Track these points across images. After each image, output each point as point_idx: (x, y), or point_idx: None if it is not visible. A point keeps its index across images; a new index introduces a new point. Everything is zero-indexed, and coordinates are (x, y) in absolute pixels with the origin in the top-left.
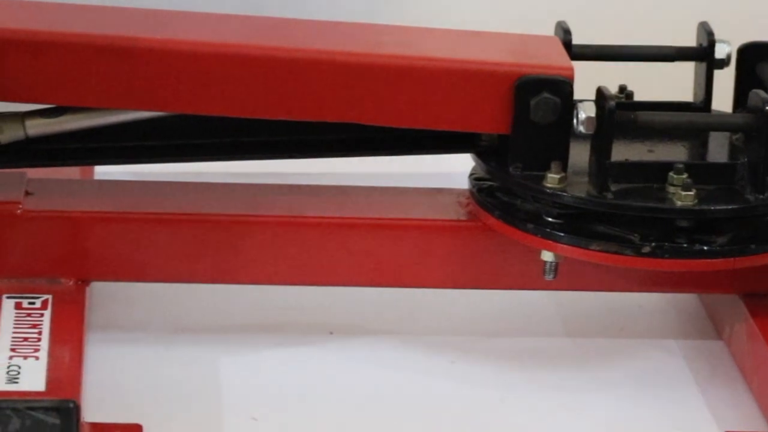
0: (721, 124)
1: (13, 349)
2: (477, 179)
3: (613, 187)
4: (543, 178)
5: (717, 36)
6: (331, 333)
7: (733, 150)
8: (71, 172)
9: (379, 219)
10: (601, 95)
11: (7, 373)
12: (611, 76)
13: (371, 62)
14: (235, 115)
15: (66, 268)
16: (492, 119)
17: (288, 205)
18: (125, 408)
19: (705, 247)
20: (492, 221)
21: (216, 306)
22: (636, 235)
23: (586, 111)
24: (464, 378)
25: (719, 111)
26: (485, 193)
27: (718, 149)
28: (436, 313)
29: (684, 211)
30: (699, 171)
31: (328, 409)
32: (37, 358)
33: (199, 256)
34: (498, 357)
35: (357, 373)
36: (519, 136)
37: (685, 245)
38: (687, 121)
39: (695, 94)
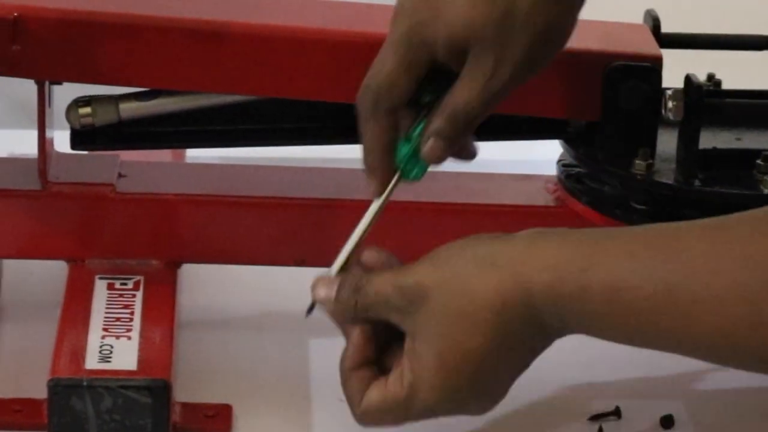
0: None
1: (105, 329)
2: (565, 165)
3: (701, 175)
4: (631, 164)
5: None
6: None
7: None
8: (163, 155)
9: (467, 204)
10: (689, 83)
11: (100, 352)
12: (700, 64)
13: None
14: (323, 99)
15: (157, 249)
16: (581, 106)
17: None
18: (215, 389)
19: None
20: (580, 207)
21: (304, 289)
22: None
23: (674, 98)
24: None
25: None
26: (573, 179)
27: None
28: None
29: None
30: None
31: None
32: (129, 338)
33: (288, 239)
34: None
35: None
36: (607, 122)
37: None
38: None
39: None
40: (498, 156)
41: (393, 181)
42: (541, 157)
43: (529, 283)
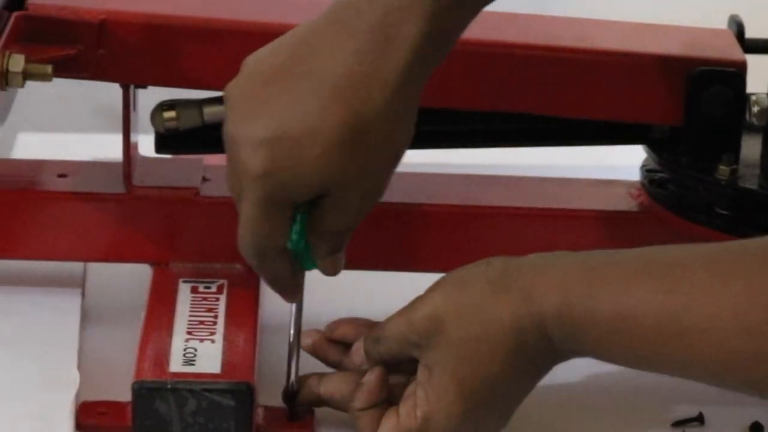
0: None
1: (189, 332)
2: (648, 170)
3: None
4: (715, 169)
5: None
6: None
7: None
8: None
9: (550, 209)
10: None
11: (184, 355)
12: None
13: (547, 53)
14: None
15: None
16: (664, 111)
17: (461, 194)
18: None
19: None
20: (663, 213)
21: (388, 291)
22: None
23: (759, 103)
24: None
25: None
26: (656, 184)
27: None
28: None
29: None
30: None
31: None
32: (213, 341)
33: (376, 243)
34: None
35: None
36: (691, 127)
37: None
38: None
39: None
40: (581, 161)
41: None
42: (624, 162)
43: (540, 308)
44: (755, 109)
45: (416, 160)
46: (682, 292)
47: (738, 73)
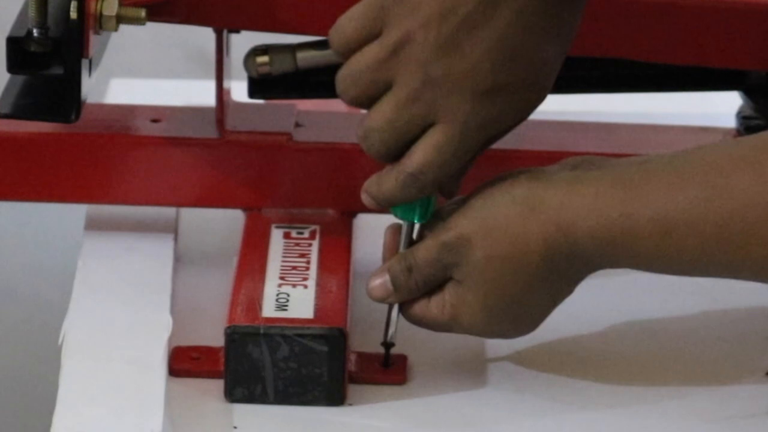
0: None
1: (282, 278)
2: (745, 117)
3: None
4: None
5: None
6: None
7: None
8: (339, 105)
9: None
10: None
11: (277, 300)
12: None
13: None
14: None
15: (333, 199)
16: (761, 57)
17: (555, 140)
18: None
19: None
20: None
21: None
22: None
23: None
24: None
25: None
26: (753, 131)
27: None
28: None
29: None
30: None
31: (595, 344)
32: (305, 286)
33: (465, 189)
34: None
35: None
36: None
37: None
38: None
39: None
40: (677, 108)
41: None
42: (720, 109)
43: (573, 228)
44: None
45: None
46: (723, 197)
47: None
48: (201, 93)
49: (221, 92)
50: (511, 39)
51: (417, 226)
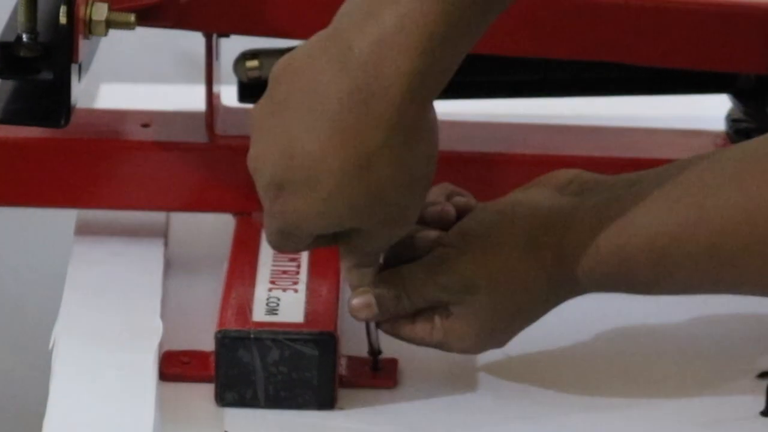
0: None
1: (272, 282)
2: (734, 120)
3: None
4: None
5: None
6: None
7: None
8: None
9: (634, 159)
10: None
11: (267, 304)
12: None
13: (633, 2)
14: (498, 52)
15: None
16: (751, 59)
17: (545, 144)
18: (381, 342)
19: None
20: None
21: None
22: None
23: None
24: None
25: None
26: (743, 134)
27: None
28: None
29: None
30: None
31: (585, 347)
32: (295, 291)
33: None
34: None
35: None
36: None
37: None
38: None
39: None
40: (666, 111)
41: None
42: (709, 112)
43: (572, 266)
44: None
45: (500, 109)
46: (712, 217)
47: None
48: (191, 97)
49: (211, 97)
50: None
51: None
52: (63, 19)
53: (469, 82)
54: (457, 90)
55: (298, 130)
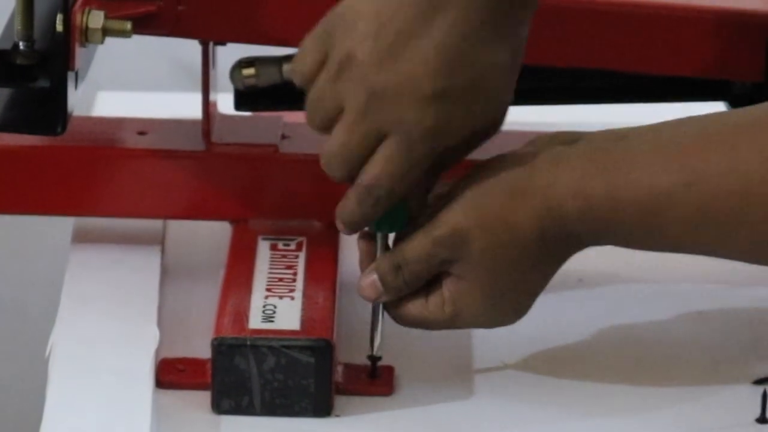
0: None
1: (268, 290)
2: None
3: None
4: None
5: None
6: (580, 280)
7: None
8: None
9: None
10: None
11: (263, 312)
12: None
13: (629, 9)
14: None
15: (319, 210)
16: (745, 67)
17: None
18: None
19: None
20: None
21: None
22: None
23: None
24: None
25: None
26: None
27: None
28: None
29: None
30: None
31: (581, 353)
32: (292, 298)
33: None
34: None
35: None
36: None
37: None
38: None
39: None
40: (662, 118)
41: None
42: None
43: (562, 209)
44: None
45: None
46: (702, 182)
47: None
48: (187, 105)
49: (207, 104)
50: (449, 47)
51: (391, 236)
52: (59, 27)
53: None
54: None
55: (418, 53)
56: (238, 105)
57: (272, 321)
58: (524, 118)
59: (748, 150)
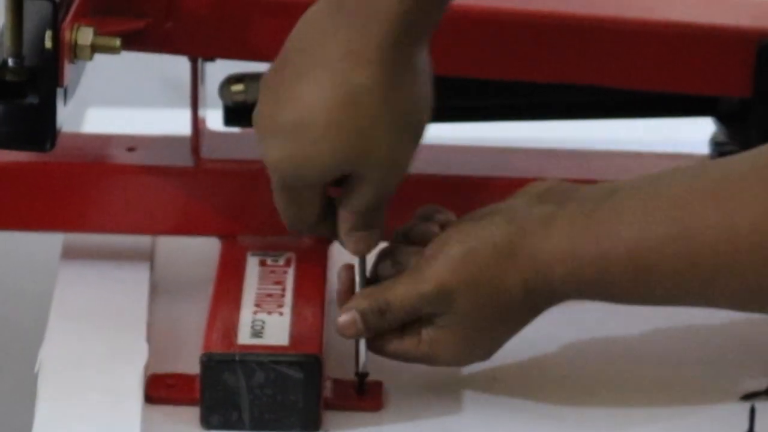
0: None
1: (257, 305)
2: (718, 144)
3: None
4: None
5: None
6: None
7: None
8: None
9: None
10: None
11: (252, 327)
12: None
13: (616, 25)
14: (480, 76)
15: None
16: (733, 83)
17: (528, 167)
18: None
19: None
20: None
21: None
22: None
23: None
24: None
25: None
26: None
27: None
28: None
29: None
30: None
31: (571, 367)
32: (281, 313)
33: None
34: None
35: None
36: (760, 99)
37: None
38: None
39: None
40: (650, 135)
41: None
42: (693, 136)
43: (550, 272)
44: None
45: (482, 133)
46: (692, 235)
47: None
48: (176, 122)
49: (196, 121)
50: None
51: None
52: (48, 44)
53: (453, 107)
54: (441, 114)
55: (289, 80)
56: (228, 121)
57: (261, 336)
58: (515, 134)
59: (734, 202)
